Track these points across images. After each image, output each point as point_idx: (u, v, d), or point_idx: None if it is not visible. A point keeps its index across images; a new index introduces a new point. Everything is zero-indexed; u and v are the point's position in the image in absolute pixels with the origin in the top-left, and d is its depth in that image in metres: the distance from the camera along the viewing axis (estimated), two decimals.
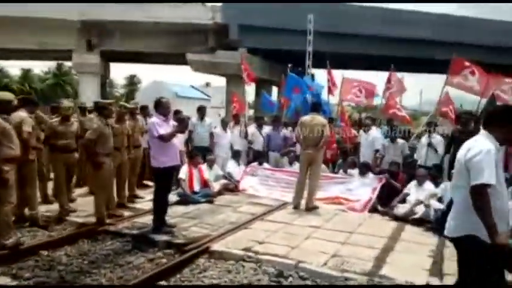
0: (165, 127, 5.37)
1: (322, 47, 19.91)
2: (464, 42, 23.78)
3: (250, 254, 4.65)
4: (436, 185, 6.56)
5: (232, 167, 8.65)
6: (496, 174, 2.51)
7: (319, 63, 9.55)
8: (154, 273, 4.05)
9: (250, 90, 19.64)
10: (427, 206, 6.05)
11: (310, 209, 6.78)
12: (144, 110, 8.33)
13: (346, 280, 4.01)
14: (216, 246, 4.87)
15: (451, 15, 25.97)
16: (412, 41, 23.34)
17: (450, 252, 4.87)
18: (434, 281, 4.03)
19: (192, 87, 56.98)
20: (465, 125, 7.28)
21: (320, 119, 6.99)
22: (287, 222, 6.07)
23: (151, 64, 34.69)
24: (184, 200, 7.01)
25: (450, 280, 4.01)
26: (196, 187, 7.37)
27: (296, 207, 6.91)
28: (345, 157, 8.64)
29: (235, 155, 8.95)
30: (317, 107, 7.40)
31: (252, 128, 9.68)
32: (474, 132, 7.08)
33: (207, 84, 58.16)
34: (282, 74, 10.32)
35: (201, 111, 9.28)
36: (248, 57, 19.62)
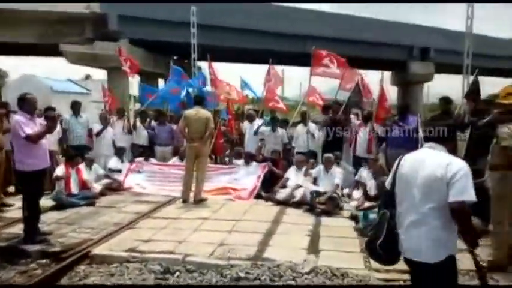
0: (31, 126, 4.85)
1: (206, 40, 19.99)
2: (336, 37, 26.20)
3: (135, 254, 4.51)
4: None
5: (115, 165, 8.23)
6: None
7: (205, 56, 9.65)
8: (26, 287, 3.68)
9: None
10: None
11: (199, 201, 6.82)
12: (5, 107, 7.34)
13: (232, 267, 4.14)
14: (97, 251, 4.61)
15: (325, 13, 28.37)
16: (291, 36, 24.89)
17: (324, 230, 5.39)
18: (311, 258, 4.38)
19: (70, 81, 52.33)
20: (335, 114, 8.04)
21: (204, 112, 7.04)
22: (175, 217, 6.02)
23: (20, 56, 30.95)
24: (61, 204, 6.45)
25: (325, 255, 4.43)
26: (74, 189, 6.85)
27: (185, 201, 6.88)
28: (231, 148, 8.88)
29: (119, 151, 8.52)
30: (200, 100, 7.43)
31: (138, 123, 9.29)
32: (346, 119, 7.94)
33: (87, 77, 54.00)
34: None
35: (76, 107, 8.59)
36: (129, 49, 18.75)
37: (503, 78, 36.45)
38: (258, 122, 9.04)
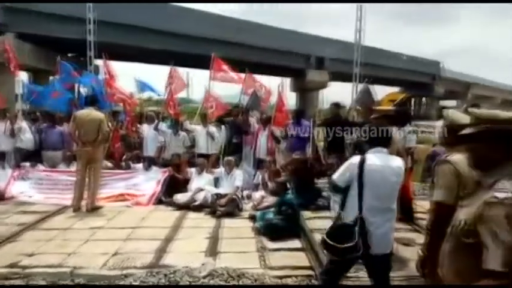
0: None
1: (104, 37, 18.95)
2: (240, 42, 26.79)
3: (16, 270, 4.10)
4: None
5: None
6: None
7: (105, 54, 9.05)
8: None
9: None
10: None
11: (93, 209, 6.40)
12: None
13: (126, 277, 3.97)
14: None
15: (231, 18, 28.80)
16: (195, 38, 24.78)
17: (224, 232, 5.45)
18: (209, 261, 4.38)
19: None
20: (237, 117, 8.23)
21: (97, 113, 6.63)
22: (65, 228, 5.58)
23: None
24: None
25: (224, 258, 4.47)
26: None
27: (77, 209, 6.40)
28: (130, 151, 8.50)
29: (0, 157, 7.63)
30: (93, 100, 6.99)
31: (22, 124, 8.39)
32: (245, 123, 8.16)
33: None
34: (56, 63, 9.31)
35: None
36: (15, 44, 16.90)
37: (388, 86, 40.68)
38: (160, 125, 8.76)
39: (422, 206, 5.67)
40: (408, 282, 3.73)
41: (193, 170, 7.28)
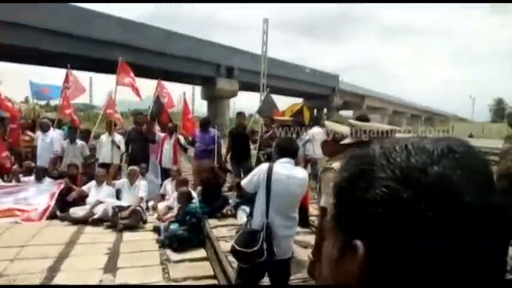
0: None
1: None
2: (148, 48, 26.08)
3: None
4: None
5: None
6: None
7: None
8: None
9: None
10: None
11: None
12: None
13: None
14: None
15: (141, 24, 27.87)
16: (97, 42, 23.49)
17: (125, 246, 5.22)
18: (108, 278, 4.17)
19: None
20: (140, 125, 7.97)
21: None
22: None
23: None
24: None
25: (124, 273, 4.28)
26: None
27: None
28: (19, 163, 7.71)
29: None
30: None
31: None
32: (149, 131, 7.94)
33: None
34: None
35: None
36: None
37: (292, 97, 42.79)
38: (52, 132, 8.09)
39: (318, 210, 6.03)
40: (305, 283, 3.95)
41: (92, 182, 6.83)
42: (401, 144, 0.42)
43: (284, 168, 3.00)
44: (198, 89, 40.41)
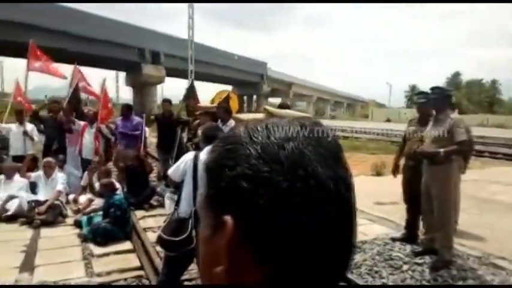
0: None
1: None
2: (66, 31, 24.30)
3: None
4: None
5: None
6: None
7: None
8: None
9: None
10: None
11: None
12: None
13: None
14: None
15: (58, 5, 25.78)
16: (9, 23, 21.41)
17: (43, 243, 4.89)
18: (24, 277, 3.89)
19: None
20: (55, 113, 7.48)
21: None
22: None
23: None
24: None
25: (43, 271, 4.02)
26: None
27: None
28: None
29: None
30: None
31: None
32: (68, 120, 7.46)
33: None
34: None
35: None
36: None
37: (221, 84, 42.67)
38: None
39: None
40: None
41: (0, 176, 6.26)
42: (263, 125, 0.46)
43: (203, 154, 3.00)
44: (122, 75, 38.67)
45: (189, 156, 3.02)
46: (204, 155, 2.99)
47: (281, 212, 0.40)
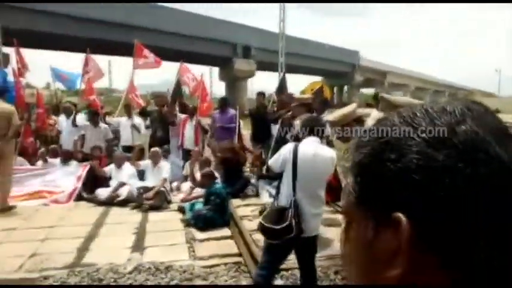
0: None
1: (14, 23, 17.29)
2: (164, 30, 26.04)
3: None
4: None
5: None
6: None
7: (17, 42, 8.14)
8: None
9: None
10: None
11: (5, 210, 5.87)
12: None
13: (45, 279, 3.73)
14: None
15: (157, 5, 27.77)
16: (115, 25, 23.59)
17: (151, 226, 5.33)
18: (136, 256, 4.27)
19: None
20: (160, 107, 8.07)
21: (6, 106, 6.06)
22: None
23: None
24: None
25: (151, 252, 4.38)
26: None
27: None
28: (46, 146, 7.90)
29: None
30: (2, 91, 6.38)
31: None
32: (171, 113, 8.00)
33: None
34: None
35: None
36: None
37: (312, 75, 42.18)
38: (77, 116, 8.28)
39: None
40: (332, 261, 3.96)
41: (112, 165, 6.95)
42: (421, 110, 0.42)
43: (310, 147, 2.99)
44: (215, 70, 40.29)
45: (288, 147, 3.04)
46: (304, 146, 2.98)
47: (467, 203, 0.35)
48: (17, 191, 6.46)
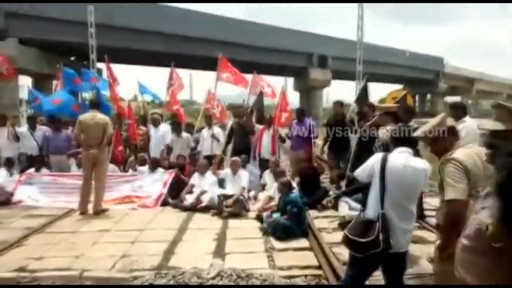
0: None
1: (106, 40, 19.01)
2: (242, 43, 26.82)
3: (24, 274, 4.09)
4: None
5: (2, 178, 7.42)
6: None
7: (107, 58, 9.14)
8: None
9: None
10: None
11: (99, 212, 6.41)
12: None
13: (135, 279, 3.97)
14: None
15: (234, 19, 28.85)
16: (197, 40, 24.83)
17: (231, 233, 5.44)
18: (217, 262, 4.38)
19: None
20: (240, 117, 8.25)
21: (101, 116, 6.64)
22: (72, 231, 5.59)
23: None
24: None
25: (231, 258, 4.47)
26: None
27: (83, 212, 6.42)
28: (135, 154, 8.52)
29: (7, 163, 7.69)
30: (97, 103, 7.01)
31: (23, 130, 8.46)
32: (248, 124, 8.17)
33: None
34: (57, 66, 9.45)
35: None
36: (18, 49, 17.02)
37: (392, 84, 40.51)
38: (163, 126, 8.83)
39: (430, 204, 5.66)
40: (418, 280, 3.72)
41: (196, 173, 7.27)
42: None
43: (400, 158, 2.83)
44: (289, 81, 40.44)
45: (377, 157, 2.91)
46: (394, 156, 2.84)
47: None
48: (109, 195, 7.01)
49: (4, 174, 7.59)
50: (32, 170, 7.80)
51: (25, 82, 20.57)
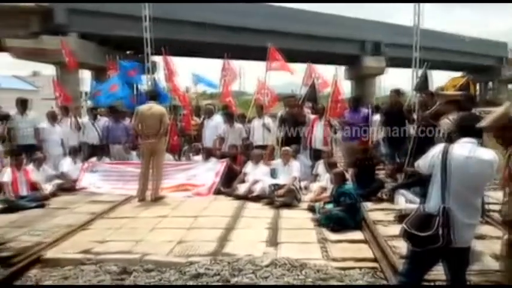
0: None
1: (160, 33, 19.55)
2: (293, 32, 26.54)
3: (89, 256, 4.36)
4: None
5: (68, 166, 7.93)
6: None
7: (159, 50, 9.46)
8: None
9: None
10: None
11: (157, 199, 6.68)
12: None
13: (191, 264, 4.10)
14: (49, 254, 4.41)
15: (282, 7, 28.59)
16: (249, 30, 24.92)
17: (283, 222, 5.46)
18: (270, 251, 4.42)
19: (15, 77, 49.40)
20: (292, 108, 8.18)
21: (158, 107, 6.88)
22: (132, 217, 5.87)
23: None
24: (9, 207, 6.13)
25: (284, 247, 4.49)
26: (23, 191, 6.52)
27: (142, 199, 6.72)
28: (189, 144, 8.76)
29: (72, 151, 8.21)
30: (154, 95, 7.26)
31: (84, 120, 8.98)
32: (300, 114, 8.10)
33: (35, 74, 51.26)
34: (110, 59, 9.95)
35: (22, 104, 8.16)
36: (79, 43, 17.99)
37: (450, 71, 38.39)
38: (216, 117, 8.98)
39: (493, 197, 5.31)
40: (483, 276, 3.53)
41: (249, 162, 7.34)
42: None
43: (464, 149, 2.67)
44: (340, 70, 39.54)
45: (439, 148, 2.77)
46: (457, 147, 2.69)
47: None
48: (166, 183, 7.28)
49: (69, 162, 8.09)
50: (94, 159, 8.27)
51: (85, 75, 21.76)
